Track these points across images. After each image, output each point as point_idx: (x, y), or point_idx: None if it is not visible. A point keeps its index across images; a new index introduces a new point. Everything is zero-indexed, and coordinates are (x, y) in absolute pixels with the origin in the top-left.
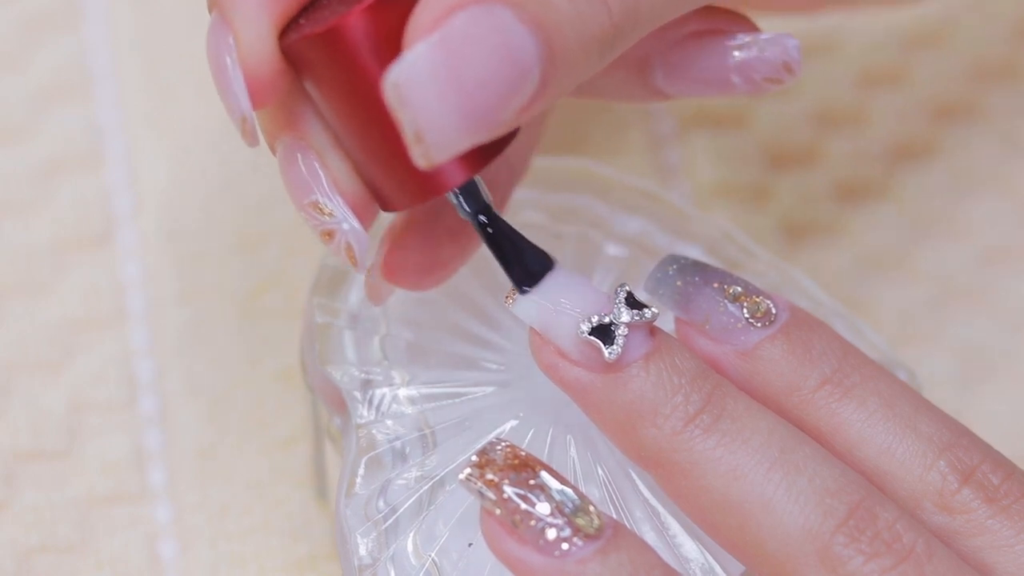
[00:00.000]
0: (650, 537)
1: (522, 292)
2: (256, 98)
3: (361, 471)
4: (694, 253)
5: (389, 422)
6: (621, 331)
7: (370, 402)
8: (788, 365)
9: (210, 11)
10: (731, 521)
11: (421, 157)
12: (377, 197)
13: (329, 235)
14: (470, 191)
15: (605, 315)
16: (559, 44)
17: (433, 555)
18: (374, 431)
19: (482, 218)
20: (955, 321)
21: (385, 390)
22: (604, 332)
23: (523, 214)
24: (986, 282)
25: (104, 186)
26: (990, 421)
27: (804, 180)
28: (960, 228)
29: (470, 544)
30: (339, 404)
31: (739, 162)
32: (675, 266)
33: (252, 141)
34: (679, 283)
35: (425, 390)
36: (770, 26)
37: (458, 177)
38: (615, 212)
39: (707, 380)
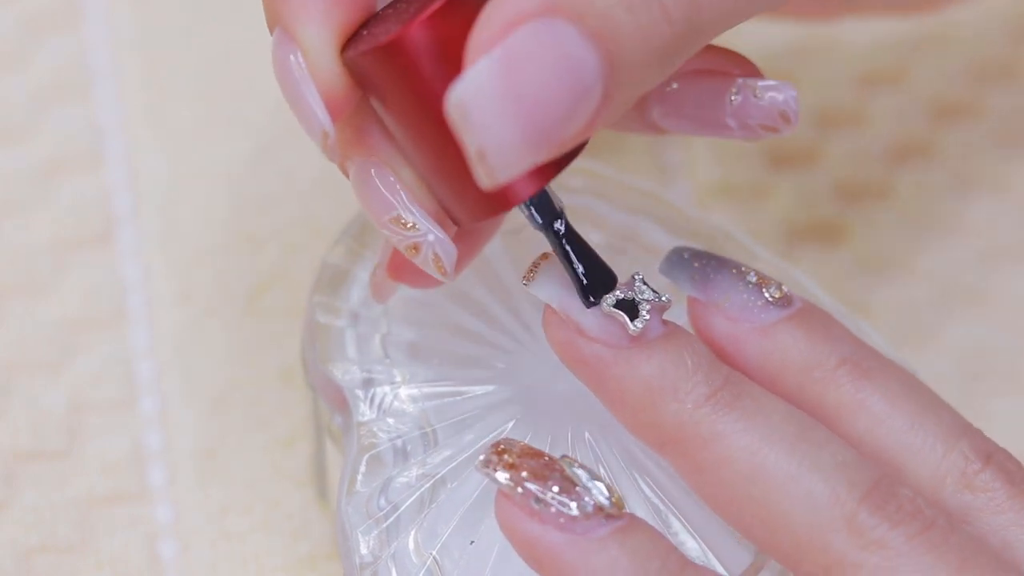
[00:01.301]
0: None
1: (588, 305)
2: (332, 112)
3: (362, 469)
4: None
5: (390, 420)
6: (644, 306)
7: (371, 400)
8: (808, 343)
9: (271, 29)
10: (755, 493)
11: (485, 177)
12: (446, 212)
13: (415, 248)
14: (541, 201)
15: (628, 291)
16: (620, 58)
17: (434, 553)
18: (375, 429)
19: (558, 227)
20: (955, 321)
21: (386, 388)
22: (628, 306)
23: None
24: (986, 282)
25: (104, 186)
26: (990, 421)
27: (804, 180)
28: (960, 228)
29: (472, 542)
30: (340, 403)
31: (739, 162)
32: (689, 252)
33: (334, 156)
34: (696, 265)
35: (426, 388)
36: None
37: (527, 190)
38: (615, 212)
39: (723, 365)
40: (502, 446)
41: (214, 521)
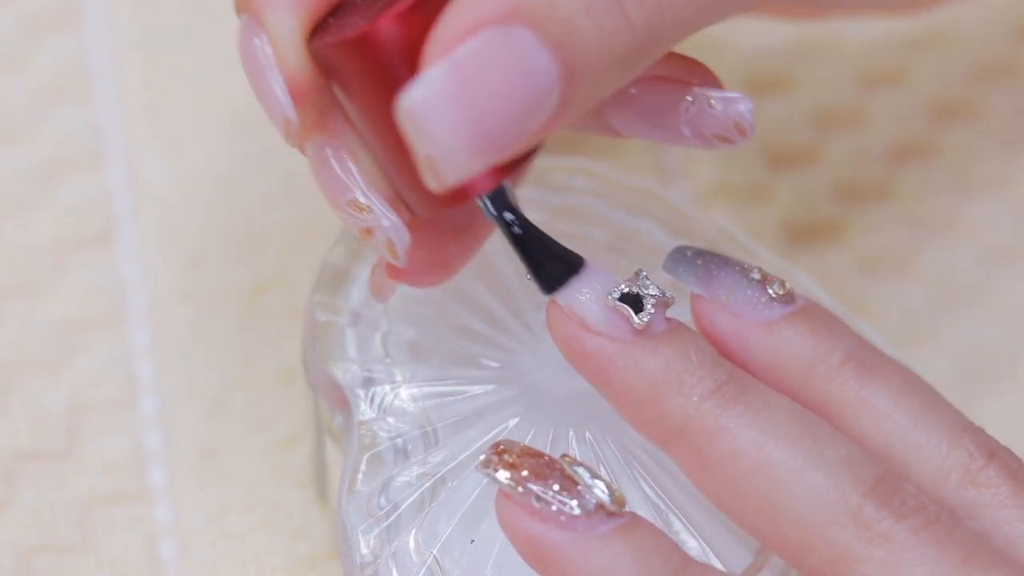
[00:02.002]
0: None
1: (548, 292)
2: (296, 98)
3: (363, 468)
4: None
5: (391, 419)
6: (649, 301)
7: (372, 399)
8: (813, 339)
9: (239, 14)
10: (760, 486)
11: (432, 181)
12: (403, 201)
13: (369, 232)
14: (496, 194)
15: (632, 286)
16: (580, 65)
17: (435, 552)
18: (376, 428)
19: (508, 217)
20: (955, 321)
21: (387, 387)
22: (633, 300)
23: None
24: (986, 282)
25: (104, 186)
26: (991, 421)
27: (804, 180)
28: (960, 228)
29: (472, 541)
30: (341, 402)
31: (739, 162)
32: (691, 250)
33: (296, 143)
34: (699, 262)
35: (427, 388)
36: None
37: (483, 186)
38: (615, 212)
39: (726, 362)
40: (502, 446)
41: (214, 521)
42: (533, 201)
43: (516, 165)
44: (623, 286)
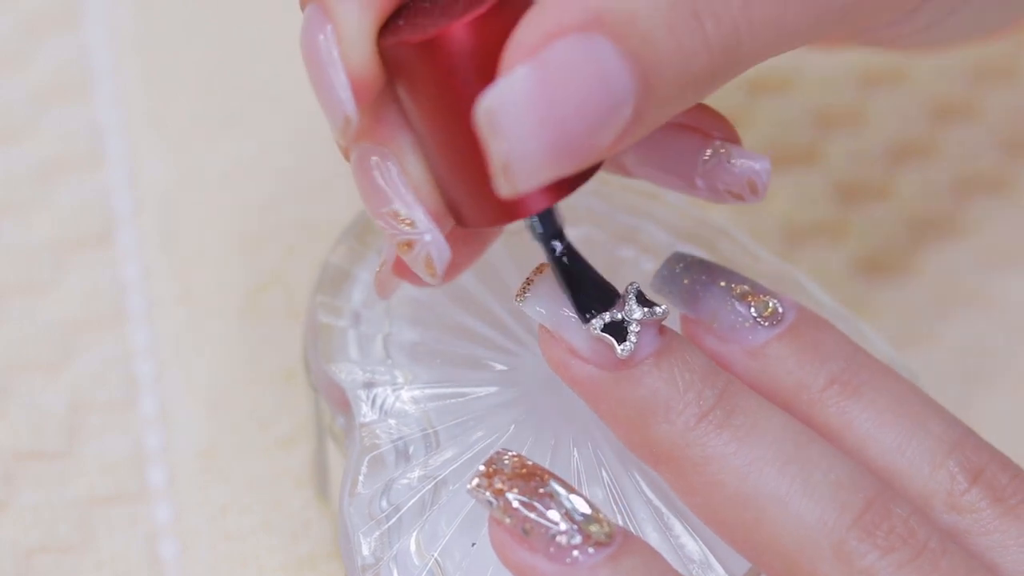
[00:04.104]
0: (653, 538)
1: (584, 321)
2: (358, 98)
3: (364, 470)
4: (695, 254)
5: (392, 421)
6: (633, 328)
7: (373, 401)
8: (797, 363)
9: (303, 6)
10: (745, 516)
11: (505, 186)
12: (453, 211)
13: (408, 245)
14: (546, 215)
15: (617, 312)
16: (656, 80)
17: (436, 555)
18: (377, 430)
19: (555, 245)
20: (955, 321)
21: (388, 389)
22: (616, 329)
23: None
24: (986, 282)
25: (104, 186)
26: (991, 422)
27: (804, 180)
28: (960, 228)
29: (473, 544)
30: (342, 403)
31: None
32: (682, 264)
33: (350, 144)
34: (686, 281)
35: (428, 390)
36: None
37: (541, 204)
38: (615, 212)
39: (719, 377)
40: (493, 467)
41: (214, 521)
42: None
43: (574, 184)
44: (606, 315)
